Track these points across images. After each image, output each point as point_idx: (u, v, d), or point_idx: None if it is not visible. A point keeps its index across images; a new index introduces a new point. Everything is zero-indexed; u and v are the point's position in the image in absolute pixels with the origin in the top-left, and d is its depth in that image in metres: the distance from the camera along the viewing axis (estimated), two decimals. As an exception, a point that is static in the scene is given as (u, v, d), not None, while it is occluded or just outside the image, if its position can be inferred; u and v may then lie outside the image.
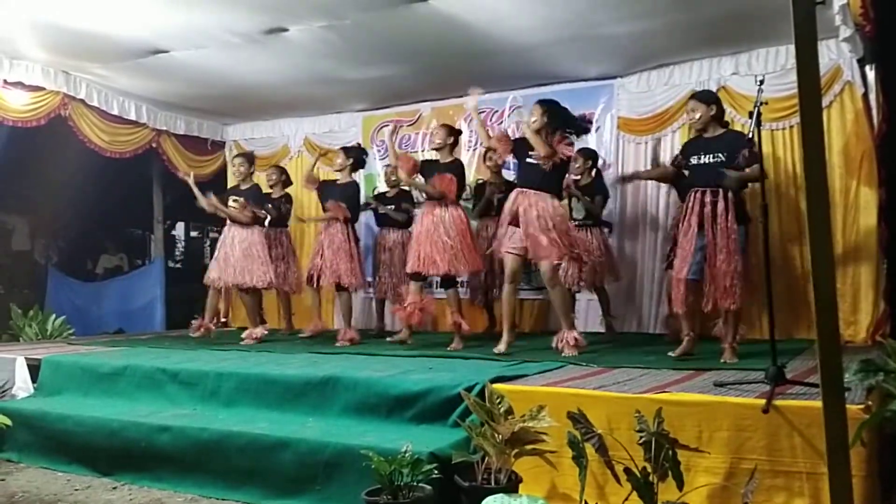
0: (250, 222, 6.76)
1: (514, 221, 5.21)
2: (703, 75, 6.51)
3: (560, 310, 5.30)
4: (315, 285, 6.67)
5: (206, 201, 6.82)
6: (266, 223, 7.29)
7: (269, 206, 7.19)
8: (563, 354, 5.03)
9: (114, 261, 11.07)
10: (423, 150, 7.71)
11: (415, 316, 5.96)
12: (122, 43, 6.18)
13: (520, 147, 5.37)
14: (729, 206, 4.55)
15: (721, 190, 4.58)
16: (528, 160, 5.26)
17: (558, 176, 5.30)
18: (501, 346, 5.26)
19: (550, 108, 5.26)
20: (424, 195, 6.09)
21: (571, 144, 5.28)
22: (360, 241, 6.92)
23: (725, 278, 4.50)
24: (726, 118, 6.24)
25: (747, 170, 4.46)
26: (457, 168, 5.93)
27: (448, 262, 5.65)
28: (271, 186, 7.49)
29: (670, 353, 4.79)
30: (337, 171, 6.80)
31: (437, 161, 6.05)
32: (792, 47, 1.99)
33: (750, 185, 5.49)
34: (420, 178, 6.07)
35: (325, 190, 6.79)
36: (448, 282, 5.91)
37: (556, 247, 5.06)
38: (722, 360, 4.52)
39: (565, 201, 5.83)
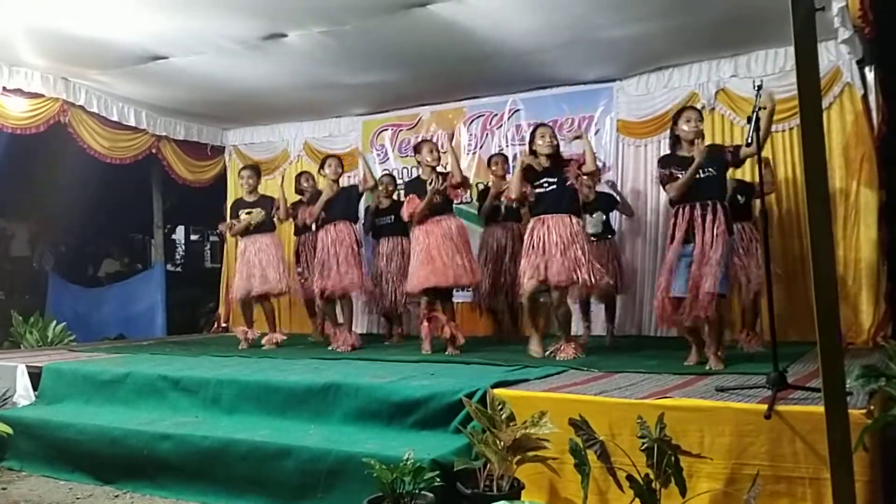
0: (274, 226, 6.92)
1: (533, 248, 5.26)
2: (702, 77, 6.52)
3: (562, 327, 5.37)
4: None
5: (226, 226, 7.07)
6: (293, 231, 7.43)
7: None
8: (558, 358, 5.11)
9: (116, 265, 11.09)
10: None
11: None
12: (122, 49, 6.18)
13: (530, 178, 5.36)
14: (718, 218, 4.49)
15: (710, 203, 4.52)
16: (540, 189, 5.30)
17: (572, 194, 5.32)
18: (538, 351, 5.32)
19: (553, 130, 5.44)
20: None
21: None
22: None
23: (705, 289, 4.44)
24: (727, 120, 6.36)
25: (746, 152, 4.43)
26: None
27: (450, 274, 5.73)
28: (299, 192, 7.30)
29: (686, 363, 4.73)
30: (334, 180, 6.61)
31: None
32: (791, 49, 1.99)
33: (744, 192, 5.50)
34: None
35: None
36: (445, 295, 5.92)
37: (572, 269, 5.09)
38: (707, 367, 4.50)
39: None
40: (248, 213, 6.82)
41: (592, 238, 6.02)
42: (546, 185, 5.29)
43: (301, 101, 7.74)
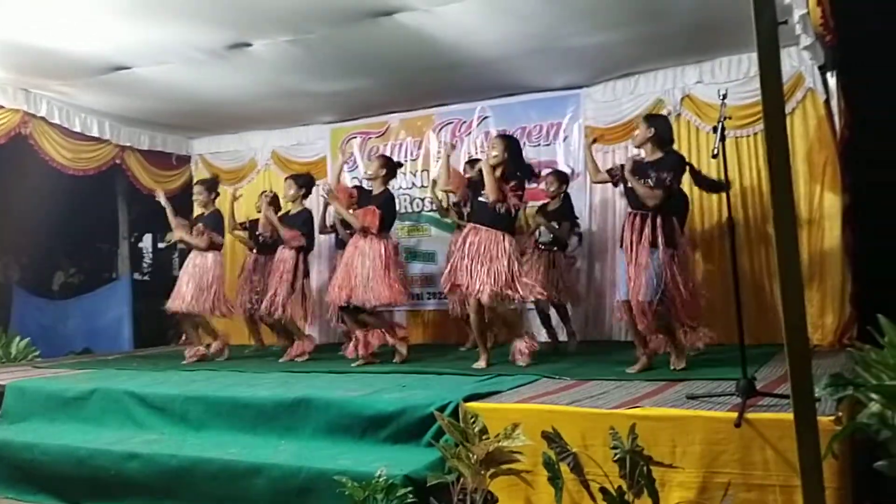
0: (206, 248, 6.75)
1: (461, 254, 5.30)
2: (667, 84, 6.57)
3: (506, 325, 5.46)
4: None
5: (175, 224, 6.90)
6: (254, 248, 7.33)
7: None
8: (518, 364, 5.20)
9: (62, 277, 10.85)
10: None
11: (364, 347, 5.84)
12: (83, 59, 6.07)
13: (474, 184, 5.42)
14: (657, 231, 4.60)
15: (650, 214, 4.64)
16: (480, 198, 5.33)
17: (509, 214, 5.29)
18: (482, 363, 5.27)
19: (511, 145, 5.36)
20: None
21: (523, 195, 5.36)
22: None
23: (645, 300, 4.60)
24: (693, 126, 6.41)
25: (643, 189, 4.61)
26: (385, 200, 5.96)
27: (358, 293, 5.73)
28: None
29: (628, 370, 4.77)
30: (290, 201, 6.68)
31: (370, 191, 6.11)
32: (754, 55, 2.00)
33: (716, 196, 5.58)
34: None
35: (284, 220, 6.65)
36: (357, 310, 5.90)
37: (490, 281, 5.09)
38: (672, 367, 4.68)
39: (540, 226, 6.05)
40: (196, 228, 6.79)
41: (542, 246, 6.10)
42: (485, 196, 5.28)
43: (268, 109, 7.67)
